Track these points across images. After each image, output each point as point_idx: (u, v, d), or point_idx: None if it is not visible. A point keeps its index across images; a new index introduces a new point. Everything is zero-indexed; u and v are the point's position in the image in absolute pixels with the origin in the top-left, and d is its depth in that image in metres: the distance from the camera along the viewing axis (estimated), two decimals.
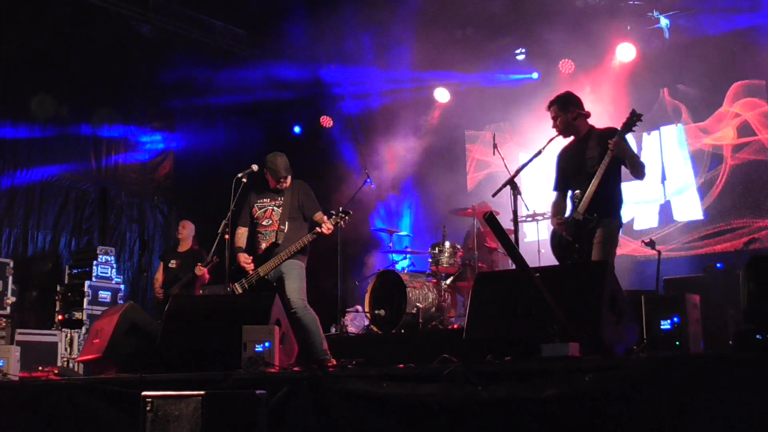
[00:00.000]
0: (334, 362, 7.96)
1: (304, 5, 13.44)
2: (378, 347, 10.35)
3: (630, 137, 7.45)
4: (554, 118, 7.63)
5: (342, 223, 8.49)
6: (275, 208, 8.71)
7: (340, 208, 8.48)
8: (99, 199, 14.62)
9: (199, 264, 11.02)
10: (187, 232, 11.87)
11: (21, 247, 13.35)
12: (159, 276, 11.76)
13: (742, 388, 3.85)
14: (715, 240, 11.85)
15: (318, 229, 8.40)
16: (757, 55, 11.72)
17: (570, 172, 7.62)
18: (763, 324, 4.71)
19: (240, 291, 8.59)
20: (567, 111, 7.60)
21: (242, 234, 8.91)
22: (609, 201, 7.31)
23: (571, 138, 7.73)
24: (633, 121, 7.17)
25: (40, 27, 12.70)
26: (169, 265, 11.57)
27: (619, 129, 7.23)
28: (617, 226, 7.37)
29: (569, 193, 7.59)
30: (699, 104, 12.42)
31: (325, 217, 8.46)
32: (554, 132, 7.58)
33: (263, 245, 8.66)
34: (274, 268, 8.51)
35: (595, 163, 7.24)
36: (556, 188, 7.84)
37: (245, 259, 8.64)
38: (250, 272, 8.57)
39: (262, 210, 8.78)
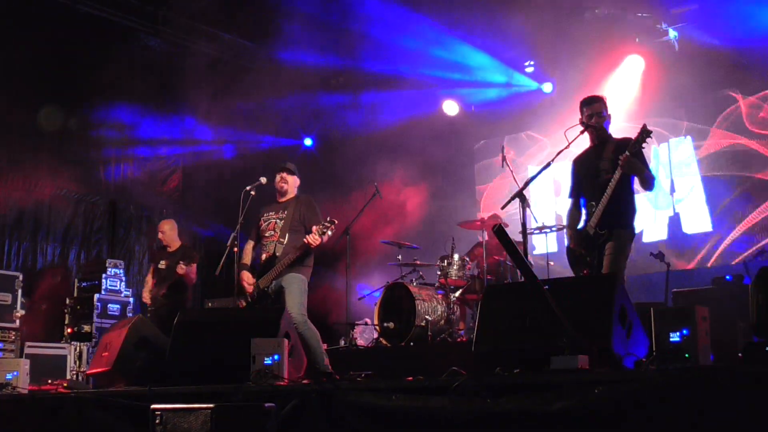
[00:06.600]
0: (338, 378, 7.94)
1: (312, 20, 13.48)
2: (387, 360, 10.33)
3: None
4: (593, 114, 7.59)
5: (328, 232, 8.42)
6: (278, 221, 8.74)
7: (327, 218, 8.43)
8: (108, 212, 14.63)
9: (180, 263, 10.73)
10: (168, 232, 11.44)
11: (30, 260, 13.37)
12: (149, 278, 11.46)
13: (751, 401, 3.84)
14: (724, 252, 11.83)
15: (304, 240, 8.40)
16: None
17: (584, 180, 7.64)
18: None
19: (244, 304, 8.62)
20: (605, 110, 7.64)
21: (250, 249, 8.94)
22: (621, 213, 7.32)
23: (586, 146, 7.75)
24: (643, 137, 7.19)
25: (49, 40, 12.75)
26: (159, 266, 11.21)
27: (632, 141, 7.24)
28: (629, 236, 7.37)
29: (582, 201, 7.62)
30: (708, 116, 12.42)
31: (313, 227, 8.45)
32: (563, 144, 7.55)
33: (263, 256, 8.71)
34: (272, 280, 8.53)
35: (608, 174, 7.27)
36: (571, 195, 7.86)
37: (247, 279, 8.68)
38: (249, 292, 8.59)
39: (267, 222, 8.83)
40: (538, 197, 13.66)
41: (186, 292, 11.12)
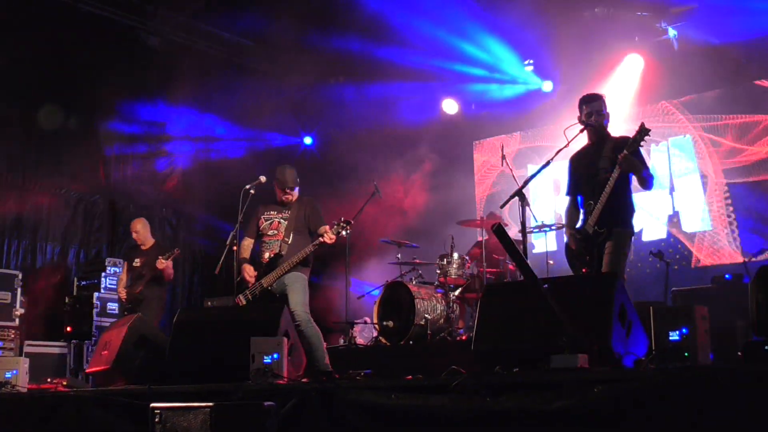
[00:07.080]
0: (337, 376, 7.94)
1: (312, 20, 13.47)
2: (386, 359, 10.33)
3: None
4: (593, 112, 7.56)
5: (343, 233, 8.50)
6: (281, 221, 8.74)
7: (342, 218, 8.49)
8: (107, 211, 14.62)
9: (159, 258, 10.64)
10: (141, 231, 11.32)
11: (30, 258, 13.35)
12: (123, 276, 11.34)
13: (751, 400, 3.84)
14: (724, 251, 11.82)
15: (320, 239, 8.43)
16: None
17: (582, 178, 7.62)
18: None
19: (244, 302, 8.60)
20: (604, 108, 7.62)
21: (248, 246, 8.94)
22: (620, 212, 7.31)
23: (584, 143, 7.74)
24: (641, 135, 7.17)
25: (49, 39, 12.72)
26: (134, 264, 11.08)
27: (630, 140, 7.23)
28: (628, 235, 7.37)
29: (580, 199, 7.61)
30: (708, 115, 12.41)
31: (327, 227, 8.48)
32: (562, 143, 7.53)
33: (266, 255, 8.69)
34: (277, 279, 8.54)
35: (607, 172, 7.25)
36: (568, 193, 7.85)
37: (249, 271, 8.66)
38: (250, 285, 8.59)
39: (268, 222, 8.81)
40: (538, 196, 13.66)
41: (162, 289, 11.07)
